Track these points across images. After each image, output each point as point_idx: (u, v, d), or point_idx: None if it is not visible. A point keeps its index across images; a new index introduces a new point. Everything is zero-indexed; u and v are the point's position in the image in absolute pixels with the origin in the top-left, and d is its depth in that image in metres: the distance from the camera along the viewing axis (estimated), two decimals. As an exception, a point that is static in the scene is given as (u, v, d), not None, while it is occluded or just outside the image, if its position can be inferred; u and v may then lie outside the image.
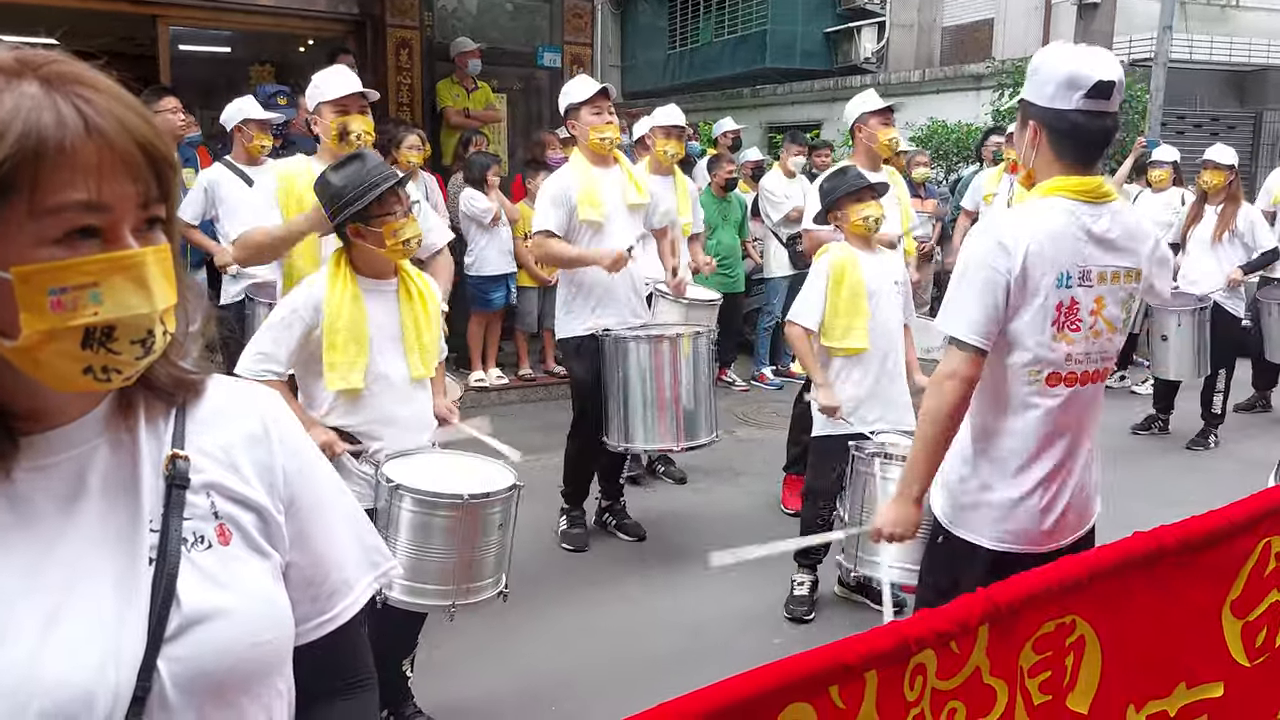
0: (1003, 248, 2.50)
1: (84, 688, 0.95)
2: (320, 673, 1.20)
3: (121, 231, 0.95)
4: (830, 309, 4.36)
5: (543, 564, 5.06)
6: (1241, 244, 7.05)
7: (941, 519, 2.78)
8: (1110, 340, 2.63)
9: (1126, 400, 8.39)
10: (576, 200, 4.89)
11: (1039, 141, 2.55)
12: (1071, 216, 2.52)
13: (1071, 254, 2.52)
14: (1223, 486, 3.68)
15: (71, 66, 0.96)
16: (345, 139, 4.01)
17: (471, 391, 8.06)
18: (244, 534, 1.10)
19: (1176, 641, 1.74)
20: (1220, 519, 1.74)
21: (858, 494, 3.89)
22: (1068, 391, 2.59)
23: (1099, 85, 2.43)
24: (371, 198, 3.16)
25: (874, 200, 4.40)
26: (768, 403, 8.40)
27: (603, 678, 3.97)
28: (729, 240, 8.24)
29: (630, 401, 4.80)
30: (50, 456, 1.01)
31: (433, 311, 3.40)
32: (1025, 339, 2.55)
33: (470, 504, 3.11)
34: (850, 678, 1.27)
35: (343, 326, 3.18)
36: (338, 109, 4.07)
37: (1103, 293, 2.57)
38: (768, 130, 17.21)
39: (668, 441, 4.90)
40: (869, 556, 3.72)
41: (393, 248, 3.22)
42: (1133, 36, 13.62)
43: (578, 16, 10.28)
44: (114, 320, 0.94)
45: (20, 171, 0.90)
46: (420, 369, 3.33)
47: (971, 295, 2.54)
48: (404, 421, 3.33)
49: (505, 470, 3.36)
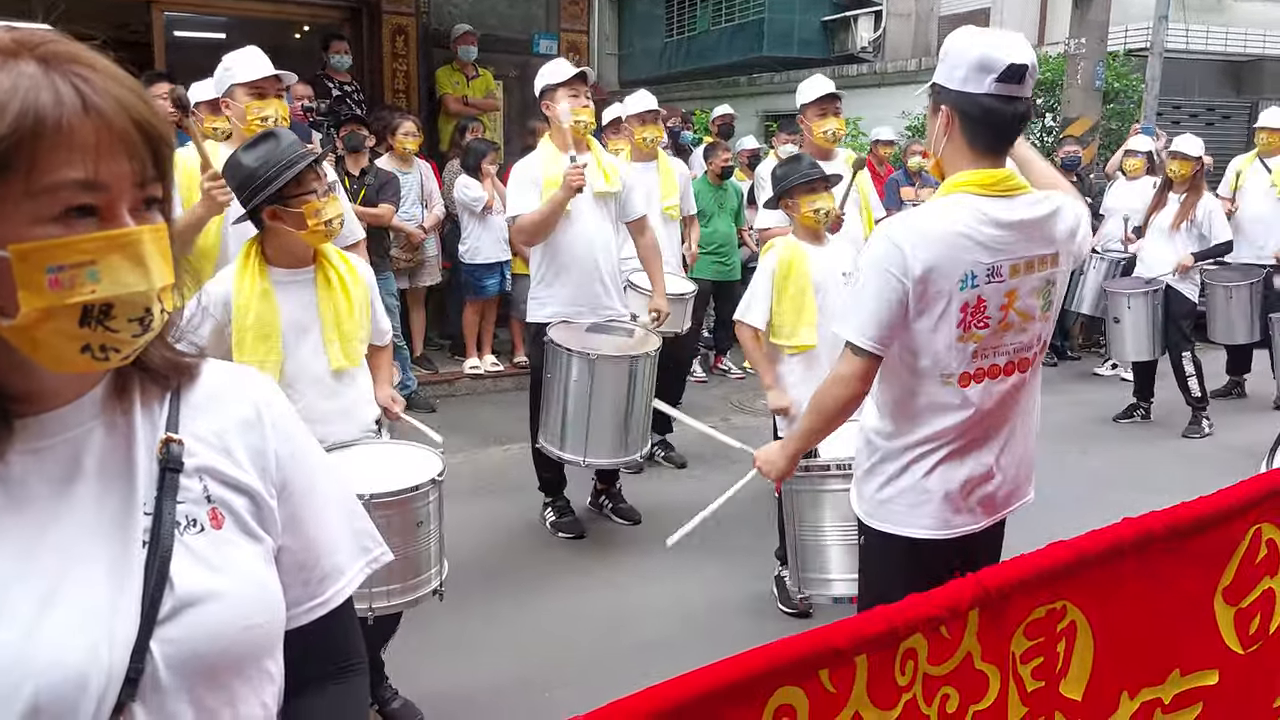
0: (900, 252, 2.44)
1: (78, 669, 0.96)
2: (311, 656, 1.21)
3: (119, 210, 0.95)
4: (777, 306, 4.31)
5: (534, 549, 5.08)
6: (1198, 233, 7.20)
7: (862, 517, 2.77)
8: (1025, 330, 2.56)
9: (1113, 387, 8.43)
10: (544, 185, 4.81)
11: (950, 127, 2.49)
12: (976, 213, 2.45)
13: (976, 253, 2.45)
14: (1209, 473, 3.68)
15: (68, 46, 0.96)
16: (263, 126, 3.77)
17: (467, 379, 8.06)
18: (236, 518, 1.10)
19: (1169, 628, 1.74)
20: (1210, 505, 1.74)
21: (791, 513, 3.76)
22: (980, 387, 2.55)
23: (1011, 68, 2.37)
24: (288, 177, 2.98)
25: (827, 192, 4.35)
26: (762, 391, 8.38)
27: (595, 663, 3.97)
28: (725, 228, 8.23)
29: (556, 406, 4.72)
30: (45, 439, 1.01)
31: (356, 297, 3.23)
32: (931, 343, 2.50)
33: (373, 503, 2.95)
34: (840, 662, 1.27)
35: (251, 324, 3.06)
36: (253, 92, 3.90)
37: (1015, 285, 2.50)
38: (764, 119, 17.17)
39: (576, 454, 4.74)
40: (816, 575, 3.63)
41: (314, 228, 3.06)
42: (1129, 26, 13.59)
43: (574, 4, 10.25)
44: (111, 298, 0.94)
45: (18, 150, 0.90)
46: (341, 359, 3.19)
47: (867, 299, 2.51)
48: (329, 416, 3.18)
49: (434, 461, 3.24)
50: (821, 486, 3.59)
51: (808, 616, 4.39)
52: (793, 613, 4.44)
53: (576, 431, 4.68)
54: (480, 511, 5.40)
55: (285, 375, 3.10)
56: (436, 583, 3.25)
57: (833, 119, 5.26)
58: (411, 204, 7.61)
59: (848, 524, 3.35)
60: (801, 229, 4.39)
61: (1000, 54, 2.37)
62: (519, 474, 5.65)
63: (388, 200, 7.14)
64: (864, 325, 2.51)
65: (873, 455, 2.71)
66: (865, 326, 2.51)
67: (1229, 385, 8.42)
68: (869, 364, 2.54)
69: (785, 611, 4.48)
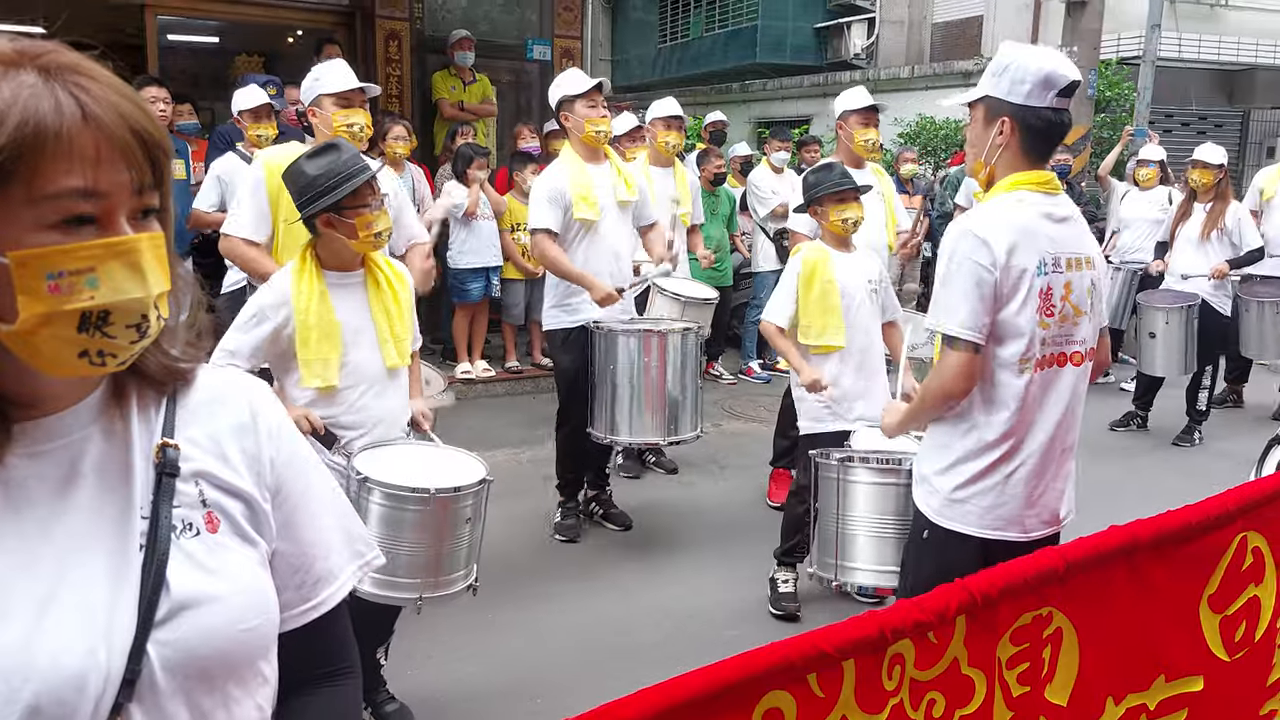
0: (984, 243, 2.57)
1: (76, 670, 0.97)
2: (304, 659, 1.22)
3: (117, 218, 0.97)
4: (802, 308, 4.38)
5: (527, 555, 5.07)
6: (1229, 242, 7.11)
7: (926, 512, 2.82)
8: (1076, 325, 2.71)
9: (1111, 397, 8.44)
10: (572, 198, 4.89)
11: (1011, 137, 2.64)
12: (1038, 208, 2.64)
13: (1043, 243, 2.62)
14: (1201, 481, 3.70)
15: (69, 56, 0.98)
16: (349, 133, 4.02)
17: (458, 384, 8.06)
18: (232, 522, 1.12)
19: (1155, 635, 1.76)
20: (1196, 513, 1.76)
21: (828, 500, 3.77)
22: (1048, 373, 2.68)
23: (1071, 85, 2.59)
24: (347, 190, 3.10)
25: (856, 202, 4.43)
26: (755, 396, 8.41)
27: (586, 668, 3.97)
28: (717, 234, 8.24)
29: (618, 394, 4.80)
30: (44, 443, 1.03)
31: (404, 300, 3.37)
32: (1014, 329, 2.61)
33: (437, 498, 3.10)
34: (829, 666, 1.28)
35: (314, 324, 3.16)
36: (341, 102, 4.08)
37: (1071, 278, 2.67)
38: (757, 125, 17.21)
39: (652, 435, 4.90)
40: (846, 563, 3.67)
41: (364, 239, 3.17)
42: (1121, 34, 13.66)
43: (568, 10, 10.26)
44: (109, 305, 0.96)
45: (19, 159, 0.92)
46: (395, 358, 3.30)
47: (959, 292, 2.60)
48: (380, 413, 3.31)
49: (477, 463, 3.35)
50: (859, 478, 3.65)
51: (796, 620, 4.42)
52: (780, 615, 4.47)
53: (643, 413, 4.79)
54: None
55: (344, 372, 3.21)
56: (473, 578, 3.34)
57: (874, 130, 5.45)
58: (403, 208, 7.60)
59: (882, 517, 3.53)
60: (829, 235, 4.47)
61: (1062, 71, 2.58)
62: (511, 480, 5.65)
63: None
64: (961, 317, 2.59)
65: (948, 454, 2.76)
66: (963, 318, 2.59)
67: (1226, 393, 8.41)
68: (969, 357, 2.61)
69: (774, 614, 4.50)
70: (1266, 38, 14.98)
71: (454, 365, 8.20)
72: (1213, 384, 7.36)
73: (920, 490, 2.87)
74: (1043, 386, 2.68)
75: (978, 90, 2.73)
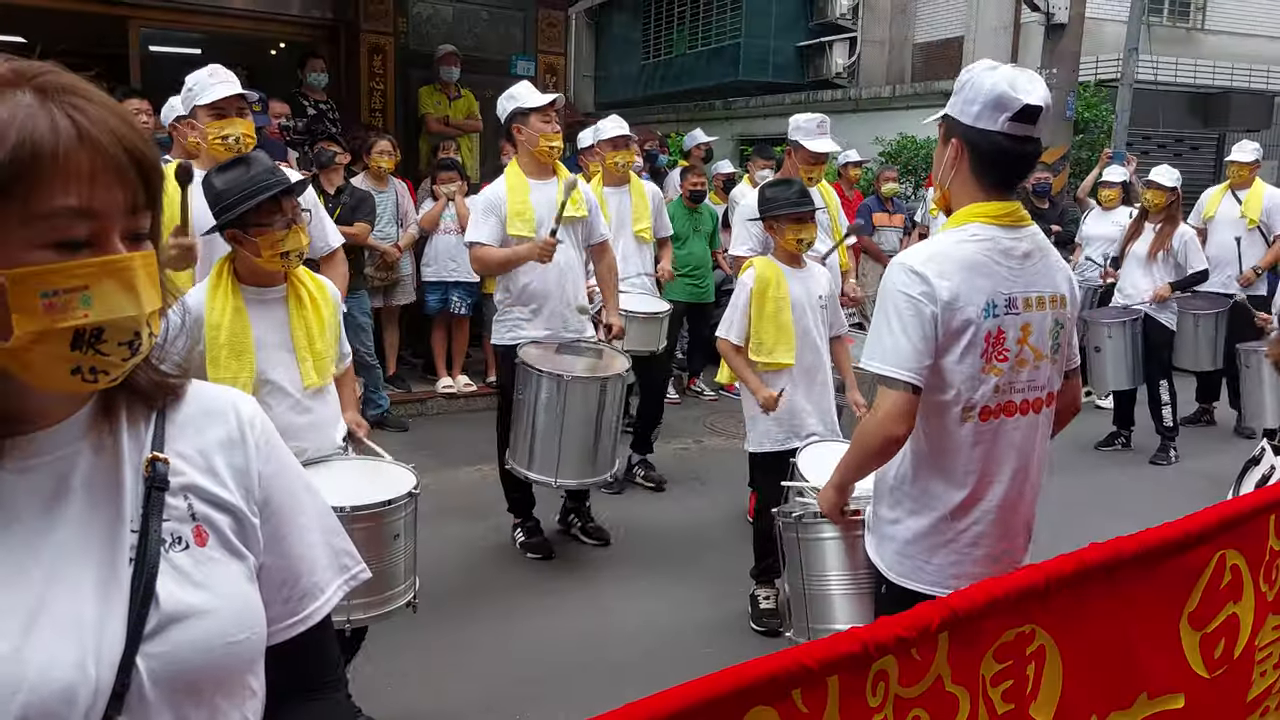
0: (924, 279, 2.38)
1: (65, 684, 0.98)
2: (291, 673, 1.22)
3: (110, 237, 0.98)
4: (755, 324, 4.39)
5: (504, 572, 5.06)
6: (1174, 262, 7.29)
7: (880, 567, 2.66)
8: (1037, 369, 2.51)
9: (1090, 415, 8.48)
10: (506, 213, 4.81)
11: (959, 161, 2.45)
12: (990, 243, 2.43)
13: (995, 282, 2.42)
14: (1181, 500, 3.73)
15: (64, 77, 0.99)
16: (224, 146, 3.81)
17: (439, 398, 8.03)
18: (220, 536, 1.13)
19: (1136, 653, 1.76)
20: (1176, 531, 1.76)
21: (794, 560, 3.46)
22: (997, 424, 2.50)
23: (1026, 109, 2.34)
24: (247, 206, 3.01)
25: (812, 222, 4.49)
26: (736, 413, 8.35)
27: (566, 685, 3.96)
28: (700, 251, 8.26)
29: (526, 427, 4.72)
30: (34, 458, 1.03)
31: (327, 317, 3.28)
32: (956, 374, 2.43)
33: (353, 515, 3.01)
34: (813, 682, 1.28)
35: (225, 341, 3.08)
36: (213, 113, 3.85)
37: (1029, 320, 2.47)
38: (740, 143, 17.28)
39: (547, 475, 4.73)
40: (820, 625, 3.38)
41: (269, 259, 3.08)
42: (1099, 57, 13.80)
43: (552, 26, 10.30)
44: (103, 322, 0.97)
45: (15, 178, 0.93)
46: (314, 377, 3.22)
47: (896, 330, 2.41)
48: (302, 430, 3.20)
49: (407, 476, 3.28)
50: (821, 534, 3.34)
51: (778, 635, 4.40)
52: (763, 631, 4.47)
53: (547, 452, 4.68)
54: (451, 532, 5.37)
55: (259, 390, 3.11)
56: (410, 595, 3.28)
57: (819, 168, 5.56)
58: (387, 223, 7.60)
59: (852, 572, 3.24)
60: (781, 251, 4.50)
61: (1017, 93, 2.34)
62: (491, 495, 5.63)
63: (363, 219, 7.13)
64: (898, 357, 2.40)
65: (897, 507, 2.61)
66: (899, 358, 2.40)
67: (1199, 413, 8.52)
68: (908, 398, 2.41)
69: (756, 630, 4.49)
70: (1241, 61, 15.17)
71: (435, 379, 8.18)
72: (1173, 400, 7.45)
73: (872, 540, 2.70)
74: (994, 437, 2.49)
75: (945, 109, 2.51)
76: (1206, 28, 16.16)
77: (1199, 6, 16.32)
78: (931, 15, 17.78)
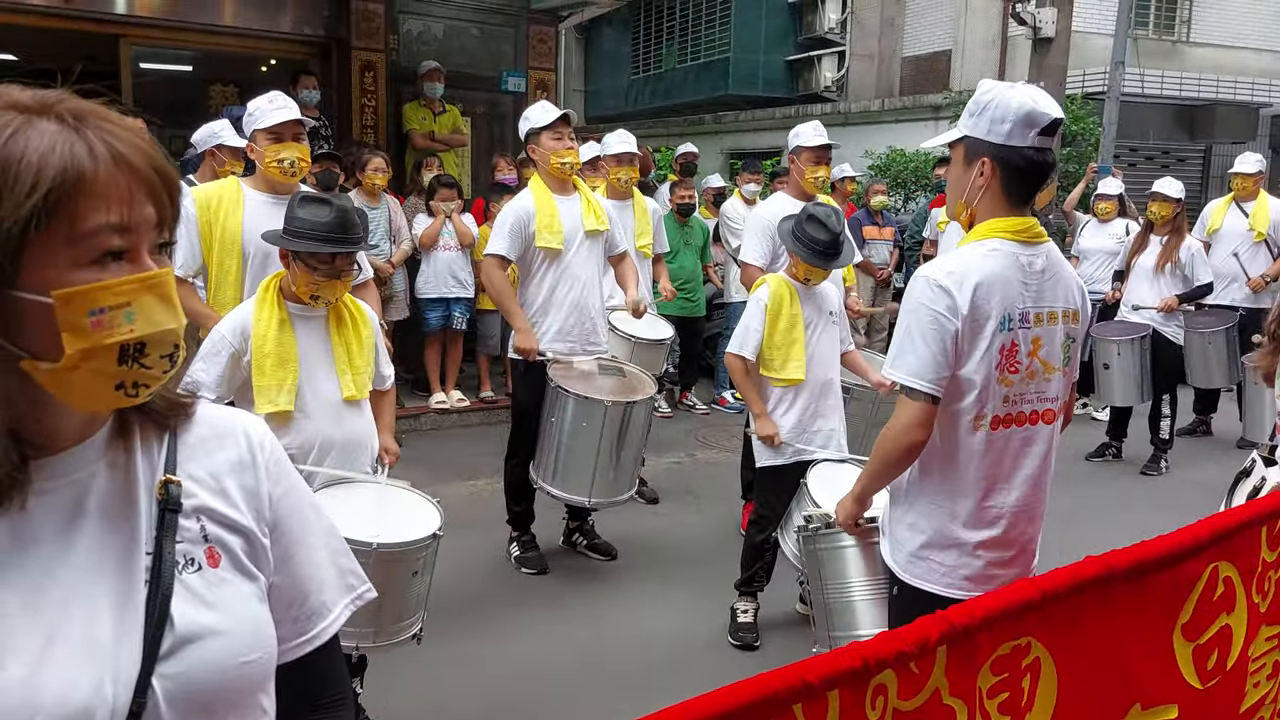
0: (948, 292, 2.48)
1: (82, 706, 0.99)
2: (299, 691, 1.24)
3: (141, 251, 1.02)
4: (768, 340, 4.40)
5: (502, 587, 5.06)
6: (1181, 275, 7.29)
7: (894, 569, 2.74)
8: (1048, 381, 2.61)
9: (1084, 426, 8.52)
10: (535, 227, 4.90)
11: (991, 178, 2.54)
12: (1011, 258, 2.53)
13: (1013, 296, 2.52)
14: (1174, 511, 3.74)
15: (84, 104, 1.03)
16: (280, 169, 4.06)
17: (433, 414, 8.03)
18: (232, 557, 1.14)
19: (1130, 664, 1.77)
20: (1170, 543, 1.78)
21: (814, 572, 3.67)
22: (1007, 433, 2.58)
23: (1054, 123, 2.49)
24: (306, 250, 3.22)
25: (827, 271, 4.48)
26: (728, 426, 8.43)
27: (564, 700, 3.96)
28: (690, 265, 8.29)
29: (559, 446, 4.79)
30: (52, 480, 1.04)
31: (365, 337, 3.45)
32: (970, 384, 2.52)
33: (379, 552, 3.09)
34: (813, 697, 1.29)
35: (270, 351, 3.23)
36: (271, 137, 4.06)
37: (1040, 334, 2.57)
38: (729, 157, 17.32)
39: (580, 495, 4.86)
40: (842, 634, 3.52)
41: (302, 291, 3.29)
42: (1086, 70, 13.88)
43: (542, 41, 10.34)
44: (146, 336, 1.00)
45: (62, 201, 0.96)
46: (352, 389, 3.36)
47: (919, 341, 2.51)
48: (338, 443, 3.35)
49: (433, 513, 3.39)
50: (841, 543, 3.52)
51: (755, 649, 4.45)
52: (738, 645, 4.50)
53: (580, 472, 4.77)
54: (447, 547, 5.30)
55: (300, 399, 3.27)
56: (417, 627, 3.37)
57: (824, 168, 5.60)
58: (379, 239, 7.62)
59: (872, 578, 3.39)
60: (796, 272, 4.50)
61: (1043, 109, 2.48)
62: (485, 509, 5.63)
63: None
64: (919, 368, 2.50)
65: (907, 508, 2.70)
66: (920, 369, 2.50)
67: (1195, 424, 8.54)
68: (927, 408, 2.52)
69: (732, 644, 4.52)
70: (1227, 74, 15.27)
71: (428, 395, 8.18)
72: (1173, 413, 7.47)
73: (886, 543, 2.79)
74: (1005, 446, 2.59)
75: (957, 130, 2.61)
76: (1192, 40, 16.27)
77: (1184, 19, 16.43)
78: (919, 29, 17.86)
